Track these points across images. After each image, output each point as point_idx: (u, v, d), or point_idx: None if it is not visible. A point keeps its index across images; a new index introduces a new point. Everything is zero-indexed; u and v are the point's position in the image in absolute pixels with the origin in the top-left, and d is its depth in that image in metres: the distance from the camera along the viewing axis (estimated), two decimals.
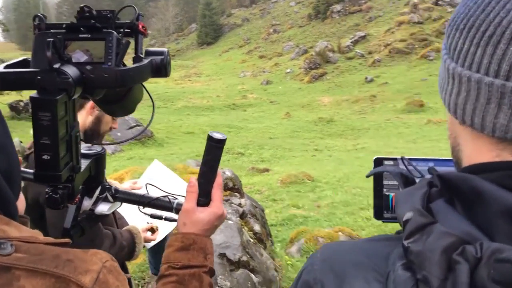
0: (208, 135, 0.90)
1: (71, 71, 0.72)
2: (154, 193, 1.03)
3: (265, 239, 3.84)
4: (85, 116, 1.69)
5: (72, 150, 0.76)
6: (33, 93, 0.70)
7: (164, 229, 2.45)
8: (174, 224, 2.72)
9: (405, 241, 0.44)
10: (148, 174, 2.51)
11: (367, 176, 0.63)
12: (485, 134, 0.45)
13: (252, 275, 3.14)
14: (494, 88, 0.42)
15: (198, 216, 0.90)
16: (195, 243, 0.87)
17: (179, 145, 13.96)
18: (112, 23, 0.84)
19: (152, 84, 33.97)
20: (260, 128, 17.86)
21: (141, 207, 1.01)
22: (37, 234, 0.62)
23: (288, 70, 32.24)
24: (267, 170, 9.50)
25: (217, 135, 0.90)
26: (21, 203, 0.93)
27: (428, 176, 0.52)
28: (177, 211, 0.97)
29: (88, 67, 0.76)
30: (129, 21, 0.88)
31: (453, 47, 0.48)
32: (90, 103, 1.69)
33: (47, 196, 0.75)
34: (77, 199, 0.89)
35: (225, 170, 4.25)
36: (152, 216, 1.06)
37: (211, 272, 0.89)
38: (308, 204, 6.64)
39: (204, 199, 0.91)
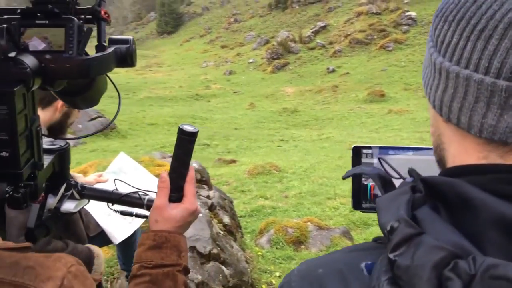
0: (179, 128, 0.85)
1: (29, 60, 0.65)
2: (123, 188, 0.97)
3: (235, 231, 3.81)
4: (52, 113, 1.64)
5: (34, 146, 0.68)
6: None
7: (132, 224, 2.38)
8: (142, 219, 2.63)
9: (391, 254, 0.40)
10: (114, 167, 2.43)
11: (344, 178, 0.60)
12: (472, 134, 0.42)
13: (223, 268, 3.11)
14: (483, 86, 0.39)
15: (170, 213, 0.85)
16: (168, 241, 0.83)
17: (143, 137, 13.67)
18: (71, 9, 0.77)
19: (113, 74, 32.65)
20: (225, 119, 17.74)
21: (110, 204, 0.95)
22: None
23: (251, 60, 32.13)
24: (234, 161, 9.46)
25: (189, 128, 0.85)
26: None
27: (408, 178, 0.48)
28: (148, 207, 0.92)
29: (48, 56, 0.68)
30: (90, 6, 0.81)
31: (440, 40, 0.44)
32: (60, 102, 1.64)
33: (8, 195, 0.68)
34: (41, 198, 0.82)
35: (192, 162, 4.18)
36: (122, 213, 1.01)
37: (186, 271, 0.85)
38: (276, 195, 6.66)
39: (176, 194, 0.87)
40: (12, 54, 0.64)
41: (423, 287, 0.36)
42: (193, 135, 0.85)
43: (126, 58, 0.81)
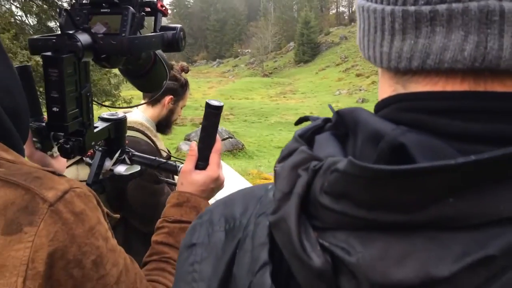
0: (206, 102, 0.95)
1: (83, 37, 0.81)
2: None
3: None
4: (160, 109, 1.89)
5: (83, 107, 0.85)
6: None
7: None
8: None
9: (276, 165, 0.43)
10: None
11: (296, 124, 0.62)
12: (384, 68, 0.42)
13: None
14: (377, 14, 0.40)
15: (194, 177, 0.96)
16: (188, 201, 0.93)
17: (267, 158, 14.22)
18: (134, 1, 0.93)
19: (249, 100, 35.16)
20: None
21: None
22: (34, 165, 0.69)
23: None
24: None
25: (215, 102, 0.94)
26: (61, 165, 1.05)
27: None
28: None
29: (100, 35, 0.85)
30: (149, 0, 0.97)
31: None
32: (167, 98, 1.88)
33: (59, 145, 0.85)
34: (89, 153, 0.98)
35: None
36: (167, 183, 1.13)
37: None
38: None
39: (203, 163, 0.96)
40: (71, 32, 0.81)
41: (280, 184, 0.40)
42: (218, 109, 0.94)
43: (173, 43, 0.94)
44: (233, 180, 2.65)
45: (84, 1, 0.95)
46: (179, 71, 1.95)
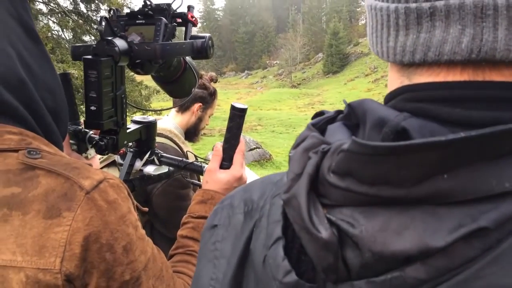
0: (231, 105, 1.00)
1: (120, 42, 0.88)
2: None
3: None
4: (189, 116, 1.96)
5: (117, 107, 0.92)
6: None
7: None
8: None
9: (291, 151, 0.47)
10: None
11: (312, 118, 0.65)
12: (391, 62, 0.45)
13: None
14: (383, 11, 0.43)
15: (218, 176, 1.00)
16: (212, 198, 0.98)
17: None
18: (166, 13, 1.00)
19: (277, 111, 35.29)
20: None
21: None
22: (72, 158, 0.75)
23: None
24: None
25: (240, 105, 0.99)
26: (95, 166, 1.12)
27: None
28: None
29: (136, 42, 0.92)
30: (181, 11, 1.03)
31: None
32: (196, 106, 1.95)
33: (95, 142, 0.93)
34: (121, 152, 1.05)
35: None
36: (194, 184, 1.19)
37: None
38: None
39: (227, 163, 1.01)
40: (109, 38, 0.88)
41: (294, 166, 0.44)
42: (243, 111, 0.99)
43: (202, 50, 1.00)
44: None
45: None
46: (208, 80, 2.02)
